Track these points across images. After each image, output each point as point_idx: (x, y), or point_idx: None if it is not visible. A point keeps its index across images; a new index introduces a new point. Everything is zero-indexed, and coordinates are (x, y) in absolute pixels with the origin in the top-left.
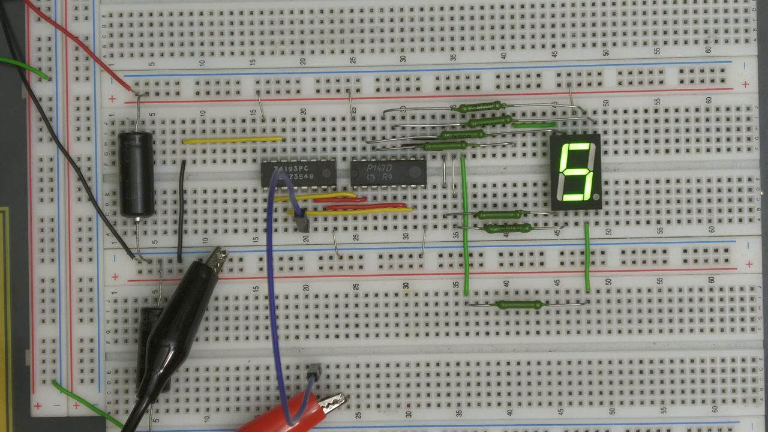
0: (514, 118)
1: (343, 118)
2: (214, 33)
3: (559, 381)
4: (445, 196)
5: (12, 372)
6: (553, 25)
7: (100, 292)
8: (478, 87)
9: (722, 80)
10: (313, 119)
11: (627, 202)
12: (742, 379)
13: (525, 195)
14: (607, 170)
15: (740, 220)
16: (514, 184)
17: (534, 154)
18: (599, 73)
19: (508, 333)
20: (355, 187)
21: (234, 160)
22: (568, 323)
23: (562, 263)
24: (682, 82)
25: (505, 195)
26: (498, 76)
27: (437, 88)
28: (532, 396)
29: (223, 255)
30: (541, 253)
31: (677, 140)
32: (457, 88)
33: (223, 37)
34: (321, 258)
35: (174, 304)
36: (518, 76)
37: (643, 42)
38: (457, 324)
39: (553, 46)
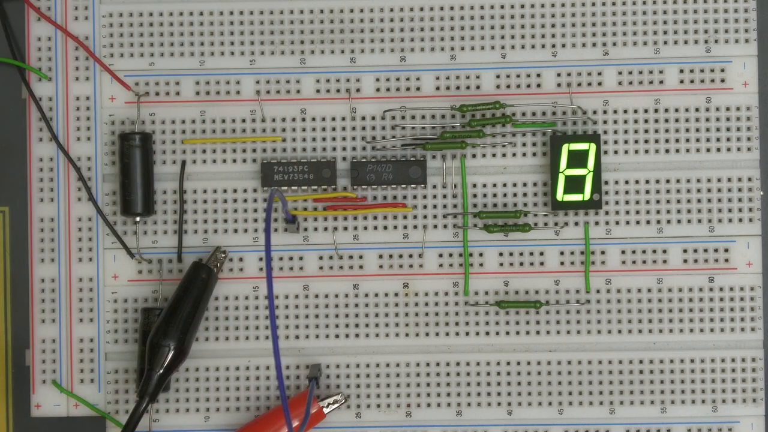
0: (514, 118)
1: (343, 118)
2: (214, 33)
3: (559, 381)
4: (445, 196)
5: (12, 372)
6: (553, 25)
7: (100, 292)
8: (478, 87)
9: (722, 80)
10: (313, 119)
11: (627, 202)
12: (742, 379)
13: (525, 195)
14: (607, 170)
15: (740, 220)
16: (514, 184)
17: (534, 154)
18: (599, 73)
19: (508, 333)
20: (355, 187)
21: (234, 160)
22: (568, 323)
23: (562, 263)
24: (682, 82)
25: (505, 195)
26: (498, 76)
27: (437, 88)
28: (532, 396)
29: (223, 255)
30: (541, 253)
31: (677, 140)
32: (457, 88)
33: (223, 37)
34: (321, 258)
35: (174, 304)
36: (518, 76)
37: (643, 42)
38: (457, 324)
39: (553, 46)
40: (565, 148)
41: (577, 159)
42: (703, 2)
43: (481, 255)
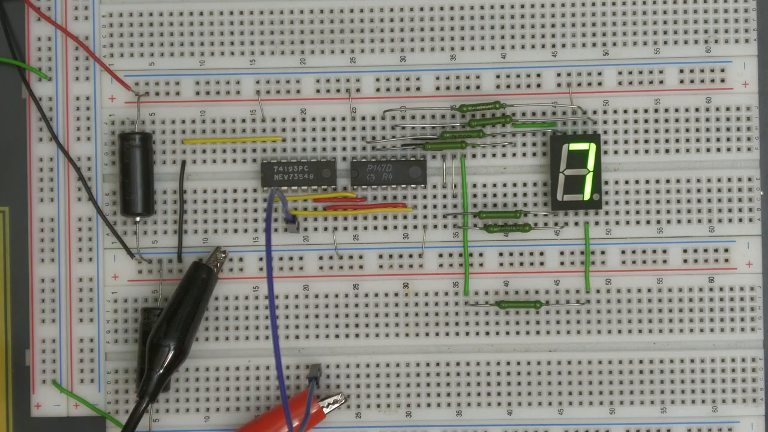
0: (514, 118)
1: (343, 118)
2: (214, 33)
3: (559, 381)
4: (445, 196)
5: (12, 372)
6: (553, 25)
7: (100, 292)
8: (478, 87)
9: (722, 80)
10: (313, 119)
11: (627, 202)
12: (742, 379)
13: (525, 195)
14: (607, 170)
15: (740, 220)
16: (514, 184)
17: (534, 154)
18: (599, 73)
19: (508, 333)
20: (355, 187)
21: (234, 160)
22: (568, 323)
23: (562, 263)
24: (682, 82)
25: (505, 195)
26: (498, 76)
27: (437, 88)
28: (532, 396)
29: (223, 255)
30: (541, 253)
31: (677, 140)
32: (457, 88)
33: (223, 37)
34: (321, 258)
35: (174, 304)
36: (518, 76)
37: (643, 42)
38: (457, 324)
39: (553, 46)
40: (565, 148)
41: (577, 159)
42: (703, 2)
43: (481, 255)
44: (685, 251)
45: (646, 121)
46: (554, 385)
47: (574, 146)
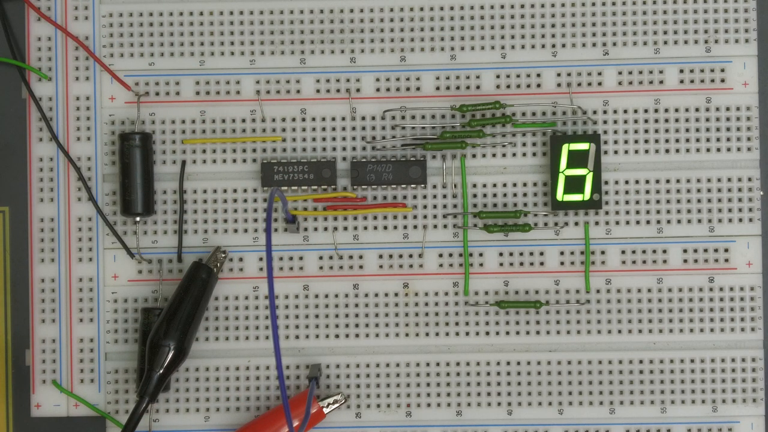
0: (514, 118)
1: (343, 118)
2: (214, 33)
3: (559, 381)
4: (445, 196)
5: (12, 372)
6: (553, 25)
7: (100, 292)
8: (478, 87)
9: (722, 80)
10: (313, 119)
11: (627, 202)
12: (742, 379)
13: (525, 195)
14: (607, 170)
15: (740, 220)
16: (514, 184)
17: (534, 154)
18: (599, 73)
19: (508, 333)
20: (355, 187)
21: (234, 160)
22: (568, 323)
23: (562, 263)
24: (682, 82)
25: (505, 195)
26: (498, 76)
27: (437, 88)
28: (532, 396)
29: (223, 255)
30: (541, 253)
31: (677, 140)
32: (457, 88)
33: (223, 37)
34: (321, 258)
35: (174, 304)
36: (518, 76)
37: (643, 42)
38: (457, 324)
39: (553, 46)
40: (565, 148)
41: (577, 159)
42: (703, 2)
43: (481, 255)
44: (685, 251)
45: (646, 121)
46: (554, 385)
47: (574, 146)
